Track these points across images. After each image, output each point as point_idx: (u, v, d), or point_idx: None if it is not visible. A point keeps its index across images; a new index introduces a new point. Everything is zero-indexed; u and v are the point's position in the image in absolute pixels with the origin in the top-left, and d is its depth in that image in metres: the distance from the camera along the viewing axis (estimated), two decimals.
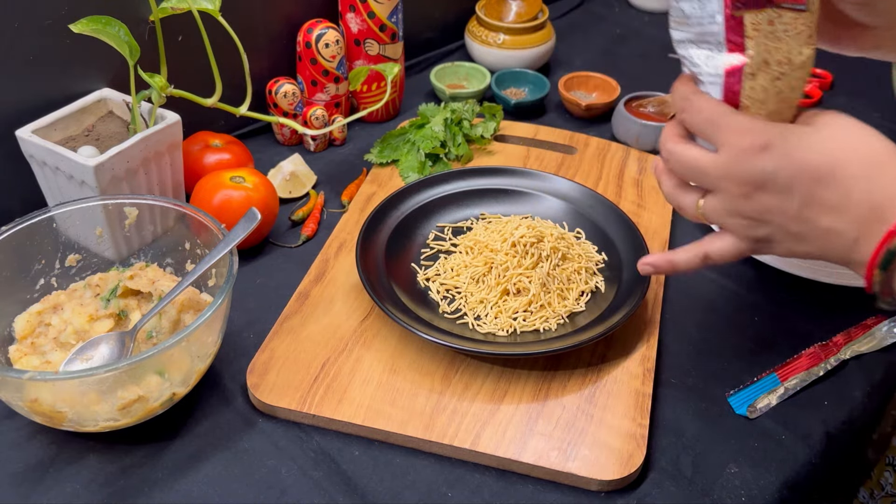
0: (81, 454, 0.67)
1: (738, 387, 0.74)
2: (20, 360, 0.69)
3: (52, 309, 0.73)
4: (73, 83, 0.85)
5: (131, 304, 0.74)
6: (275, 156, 1.01)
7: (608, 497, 0.65)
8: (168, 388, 0.65)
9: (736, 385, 0.74)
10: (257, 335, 0.77)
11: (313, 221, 0.92)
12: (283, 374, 0.72)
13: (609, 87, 1.15)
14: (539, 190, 0.91)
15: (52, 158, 0.78)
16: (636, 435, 0.68)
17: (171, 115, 0.83)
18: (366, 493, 0.65)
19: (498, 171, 0.93)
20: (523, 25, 1.18)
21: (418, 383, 0.72)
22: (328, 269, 0.84)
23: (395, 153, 1.01)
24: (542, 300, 0.78)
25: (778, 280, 0.86)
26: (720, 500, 0.65)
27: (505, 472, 0.67)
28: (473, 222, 0.89)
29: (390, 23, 1.04)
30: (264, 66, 1.03)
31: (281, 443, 0.68)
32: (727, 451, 0.69)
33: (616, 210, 0.87)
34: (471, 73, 1.18)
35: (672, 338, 0.79)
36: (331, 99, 1.04)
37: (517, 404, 0.70)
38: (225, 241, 0.70)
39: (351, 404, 0.70)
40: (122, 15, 0.79)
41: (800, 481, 0.68)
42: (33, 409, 0.62)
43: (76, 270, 0.77)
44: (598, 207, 0.89)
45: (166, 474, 0.66)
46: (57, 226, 0.74)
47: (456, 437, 0.67)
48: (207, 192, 0.83)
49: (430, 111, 1.04)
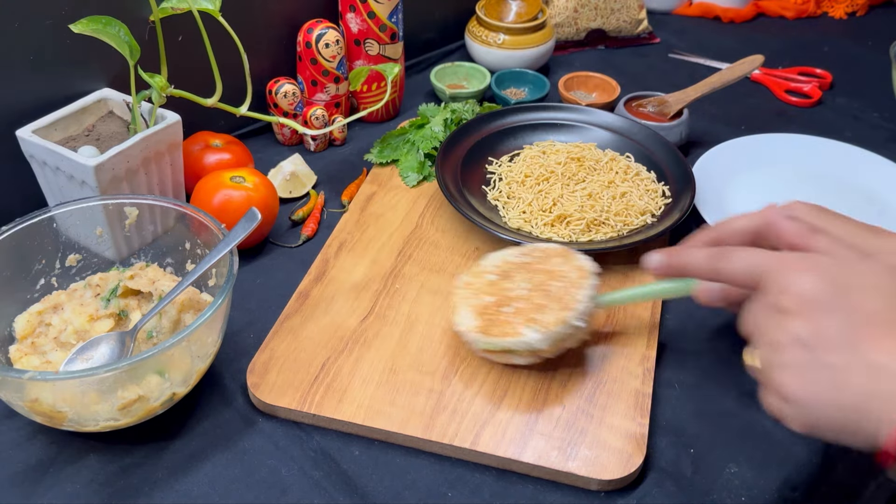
0: (81, 454, 0.67)
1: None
2: (20, 360, 0.69)
3: (52, 309, 0.73)
4: (73, 83, 0.85)
5: (131, 304, 0.74)
6: (275, 156, 1.01)
7: (608, 497, 0.65)
8: (168, 388, 0.65)
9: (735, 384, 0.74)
10: (257, 335, 0.77)
11: (313, 221, 0.92)
12: (283, 374, 0.72)
13: (609, 87, 1.15)
14: (587, 123, 1.01)
15: (52, 158, 0.78)
16: (636, 435, 0.68)
17: (172, 115, 0.83)
18: (366, 492, 0.65)
19: (544, 107, 1.03)
20: (523, 25, 1.18)
21: (418, 383, 0.72)
22: (328, 268, 0.84)
23: (395, 153, 1.01)
24: (599, 215, 0.87)
25: None
26: (720, 500, 0.65)
27: (505, 472, 0.67)
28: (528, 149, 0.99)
29: (390, 23, 1.04)
30: (264, 66, 1.03)
31: (281, 442, 0.68)
32: (727, 451, 0.69)
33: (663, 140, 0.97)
34: (471, 73, 1.18)
35: (672, 338, 0.79)
36: (331, 99, 1.04)
37: (517, 404, 0.70)
38: (225, 241, 0.70)
39: (351, 404, 0.70)
40: (122, 15, 0.79)
41: (800, 481, 0.68)
42: (33, 409, 0.62)
43: (76, 270, 0.77)
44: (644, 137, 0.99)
45: (166, 474, 0.66)
46: (57, 226, 0.74)
47: (456, 437, 0.67)
48: (207, 192, 0.83)
49: (430, 111, 1.04)
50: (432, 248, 0.88)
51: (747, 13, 1.45)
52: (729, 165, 1.01)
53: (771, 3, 1.47)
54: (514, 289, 0.73)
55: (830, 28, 1.44)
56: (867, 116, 1.17)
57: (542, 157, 0.96)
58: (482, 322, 0.70)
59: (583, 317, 0.70)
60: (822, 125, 1.14)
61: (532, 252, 0.77)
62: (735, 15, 1.44)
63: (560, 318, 0.68)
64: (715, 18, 1.45)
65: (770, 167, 1.02)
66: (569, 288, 0.71)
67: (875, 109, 1.19)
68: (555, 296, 0.71)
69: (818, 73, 1.25)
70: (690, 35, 1.39)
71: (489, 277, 0.75)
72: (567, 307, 0.69)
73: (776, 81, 1.24)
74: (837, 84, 1.25)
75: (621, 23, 1.34)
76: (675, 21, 1.44)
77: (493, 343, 0.69)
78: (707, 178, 0.97)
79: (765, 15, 1.47)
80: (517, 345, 0.69)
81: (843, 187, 1.00)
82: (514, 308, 0.71)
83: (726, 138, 1.06)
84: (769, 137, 1.07)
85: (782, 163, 1.03)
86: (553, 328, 0.68)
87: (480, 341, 0.70)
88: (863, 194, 0.98)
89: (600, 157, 0.96)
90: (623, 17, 1.33)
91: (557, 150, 0.97)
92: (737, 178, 1.00)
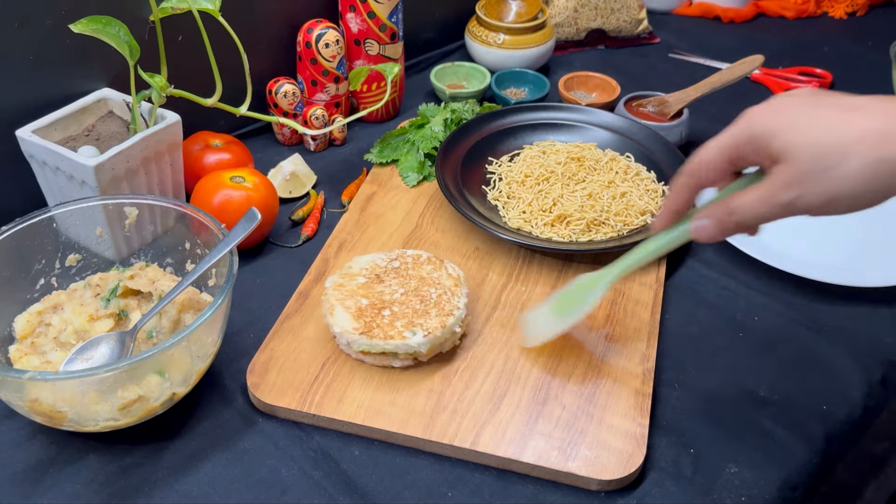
0: (81, 454, 0.67)
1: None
2: (20, 360, 0.69)
3: (52, 309, 0.73)
4: (73, 83, 0.85)
5: (131, 304, 0.74)
6: (275, 156, 1.01)
7: (608, 497, 0.65)
8: (168, 388, 0.65)
9: (735, 384, 0.74)
10: (257, 335, 0.77)
11: (313, 221, 0.92)
12: (283, 374, 0.72)
13: (609, 86, 1.15)
14: (587, 123, 1.02)
15: (52, 158, 0.78)
16: (636, 435, 0.68)
17: (171, 115, 0.83)
18: (366, 492, 0.65)
19: (545, 107, 1.03)
20: (523, 25, 1.18)
21: (418, 383, 0.72)
22: (328, 268, 0.84)
23: (395, 153, 1.01)
24: (599, 215, 0.87)
25: (779, 280, 0.86)
26: (720, 500, 0.65)
27: (505, 472, 0.67)
28: (528, 149, 0.99)
29: (390, 23, 1.04)
30: (264, 66, 1.03)
31: (281, 442, 0.68)
32: (727, 451, 0.69)
33: (661, 138, 0.97)
34: (471, 73, 1.18)
35: (672, 338, 0.79)
36: (331, 99, 1.04)
37: (517, 404, 0.70)
38: (225, 241, 0.70)
39: (351, 404, 0.70)
40: (122, 15, 0.79)
41: (800, 481, 0.68)
42: (33, 409, 0.62)
43: (76, 270, 0.77)
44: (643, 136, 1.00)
45: (166, 474, 0.66)
46: (57, 226, 0.74)
47: (456, 437, 0.67)
48: (207, 192, 0.83)
49: (430, 111, 1.04)
50: (432, 248, 0.88)
51: (747, 13, 1.45)
52: None
53: (771, 3, 1.47)
54: (388, 292, 0.75)
55: (830, 28, 1.44)
56: None
57: (542, 157, 0.96)
58: (362, 324, 0.71)
59: (461, 322, 0.74)
60: None
61: (401, 257, 0.79)
62: (735, 15, 1.44)
63: (442, 322, 0.72)
64: (715, 18, 1.45)
65: None
66: (446, 294, 0.74)
67: None
68: (434, 301, 0.74)
69: (818, 73, 1.25)
70: (690, 35, 1.39)
71: (360, 280, 0.76)
72: (448, 312, 0.72)
73: (776, 81, 1.24)
74: (837, 84, 1.25)
75: (621, 23, 1.34)
76: (675, 21, 1.44)
77: (374, 345, 0.71)
78: None
79: (765, 15, 1.47)
80: (400, 347, 0.70)
81: None
82: (391, 312, 0.73)
83: None
84: None
85: None
86: (435, 332, 0.71)
87: (361, 343, 0.71)
88: None
89: (600, 157, 0.96)
90: (623, 17, 1.33)
91: (557, 150, 0.97)
92: None
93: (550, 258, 0.86)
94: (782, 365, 0.77)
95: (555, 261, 0.86)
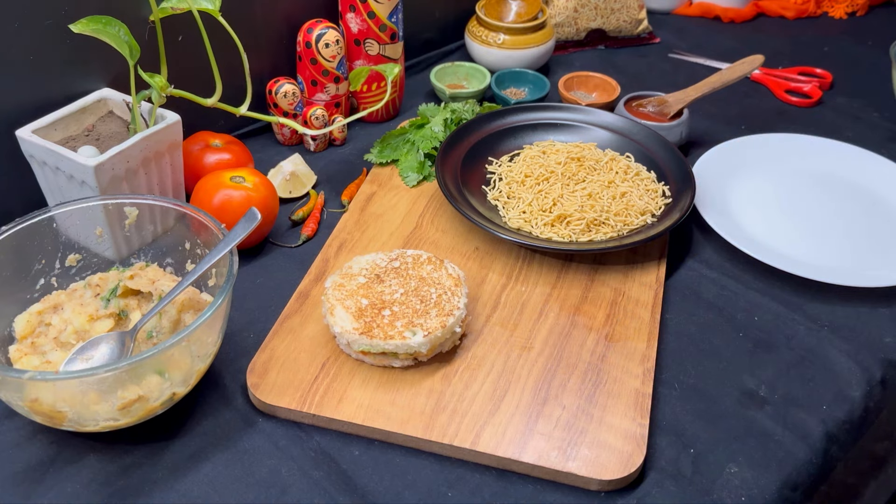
0: (81, 454, 0.67)
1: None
2: (20, 360, 0.69)
3: (52, 309, 0.73)
4: (73, 83, 0.85)
5: (131, 304, 0.74)
6: (275, 156, 1.01)
7: (608, 497, 0.65)
8: (168, 388, 0.65)
9: (735, 384, 0.74)
10: (257, 335, 0.77)
11: (313, 221, 0.92)
12: (283, 374, 0.72)
13: (609, 86, 1.15)
14: (588, 123, 1.02)
15: (52, 158, 0.78)
16: (636, 435, 0.68)
17: (171, 115, 0.83)
18: (366, 492, 0.65)
19: (545, 107, 1.03)
20: (523, 25, 1.18)
21: (418, 383, 0.72)
22: (328, 268, 0.84)
23: (395, 153, 1.01)
24: (599, 215, 0.88)
25: (779, 280, 0.86)
26: (720, 500, 0.65)
27: (505, 472, 0.67)
28: (528, 149, 0.99)
29: (390, 23, 1.04)
30: (264, 66, 1.03)
31: (281, 443, 0.68)
32: (727, 451, 0.69)
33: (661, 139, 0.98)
34: (471, 73, 1.18)
35: (672, 338, 0.79)
36: (331, 99, 1.04)
37: (517, 404, 0.70)
38: (225, 241, 0.70)
39: (351, 404, 0.70)
40: (122, 15, 0.79)
41: (800, 481, 0.68)
42: (34, 409, 0.62)
43: (76, 270, 0.77)
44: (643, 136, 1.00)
45: (166, 474, 0.66)
46: (57, 226, 0.74)
47: (456, 437, 0.67)
48: (207, 192, 0.83)
49: (430, 111, 1.04)
50: (432, 248, 0.88)
51: (747, 13, 1.45)
52: (729, 165, 1.01)
53: (771, 3, 1.47)
54: (388, 292, 0.75)
55: (830, 28, 1.44)
56: (867, 116, 1.17)
57: (542, 157, 0.96)
58: (362, 324, 0.71)
59: (461, 322, 0.73)
60: (822, 125, 1.14)
61: (401, 257, 0.79)
62: (735, 15, 1.44)
63: (442, 322, 0.71)
64: (715, 18, 1.45)
65: (770, 167, 1.02)
66: (446, 294, 0.74)
67: (875, 109, 1.19)
68: (434, 301, 0.73)
69: (818, 73, 1.25)
70: (690, 35, 1.39)
71: (360, 280, 0.76)
72: (448, 312, 0.72)
73: (776, 81, 1.24)
74: (837, 84, 1.25)
75: (621, 23, 1.34)
76: (675, 21, 1.44)
77: (374, 345, 0.71)
78: (707, 178, 0.97)
79: (765, 15, 1.47)
80: (401, 347, 0.70)
81: (843, 187, 1.00)
82: (392, 312, 0.73)
83: (726, 138, 1.06)
84: (769, 137, 1.07)
85: (782, 162, 1.03)
86: (435, 332, 0.71)
87: (362, 343, 0.71)
88: (863, 194, 0.98)
89: (600, 157, 0.96)
90: (623, 17, 1.33)
91: (557, 150, 0.97)
92: (737, 178, 1.00)
93: (550, 258, 0.86)
94: (782, 365, 0.77)
95: (555, 261, 0.86)
